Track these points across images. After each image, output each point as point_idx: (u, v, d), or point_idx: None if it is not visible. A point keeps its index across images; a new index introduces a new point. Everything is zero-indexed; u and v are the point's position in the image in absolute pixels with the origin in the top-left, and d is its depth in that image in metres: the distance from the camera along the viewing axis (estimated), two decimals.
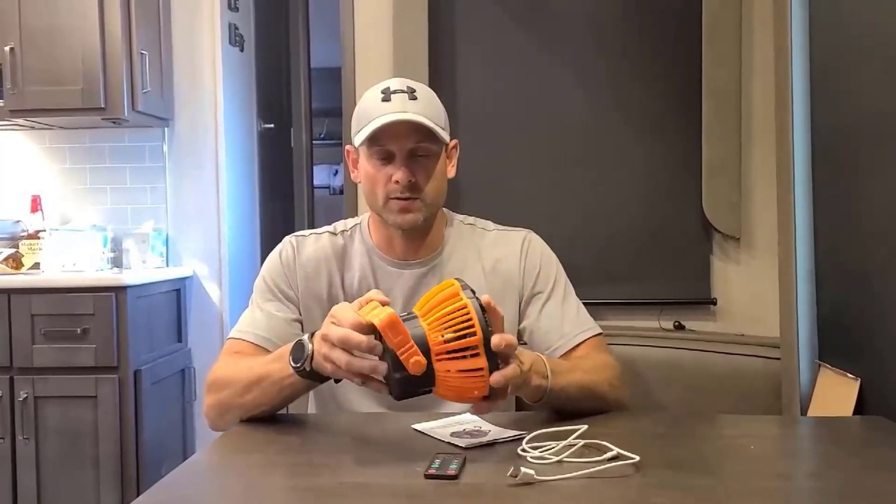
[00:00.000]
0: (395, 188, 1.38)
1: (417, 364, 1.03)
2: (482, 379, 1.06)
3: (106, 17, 2.78)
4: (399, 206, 1.40)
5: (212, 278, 3.16)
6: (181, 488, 1.03)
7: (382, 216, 1.43)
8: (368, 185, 1.43)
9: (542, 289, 1.49)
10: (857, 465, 1.09)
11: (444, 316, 1.06)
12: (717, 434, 1.33)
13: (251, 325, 1.43)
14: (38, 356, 2.58)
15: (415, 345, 1.03)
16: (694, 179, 2.29)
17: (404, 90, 1.38)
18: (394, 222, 1.41)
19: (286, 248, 1.50)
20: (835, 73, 1.63)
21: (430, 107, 1.40)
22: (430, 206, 1.43)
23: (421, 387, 1.07)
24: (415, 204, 1.40)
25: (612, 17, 2.36)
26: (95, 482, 2.59)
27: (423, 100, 1.39)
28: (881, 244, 1.43)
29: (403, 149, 1.38)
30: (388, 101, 1.37)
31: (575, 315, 1.48)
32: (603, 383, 1.34)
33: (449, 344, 1.05)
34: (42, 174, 3.17)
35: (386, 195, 1.40)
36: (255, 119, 3.70)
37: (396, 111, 1.35)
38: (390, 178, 1.38)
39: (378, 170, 1.40)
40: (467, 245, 1.52)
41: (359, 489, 0.99)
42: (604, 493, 0.95)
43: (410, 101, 1.37)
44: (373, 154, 1.39)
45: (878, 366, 1.42)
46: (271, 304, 1.46)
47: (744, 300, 2.32)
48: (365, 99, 1.42)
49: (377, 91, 1.40)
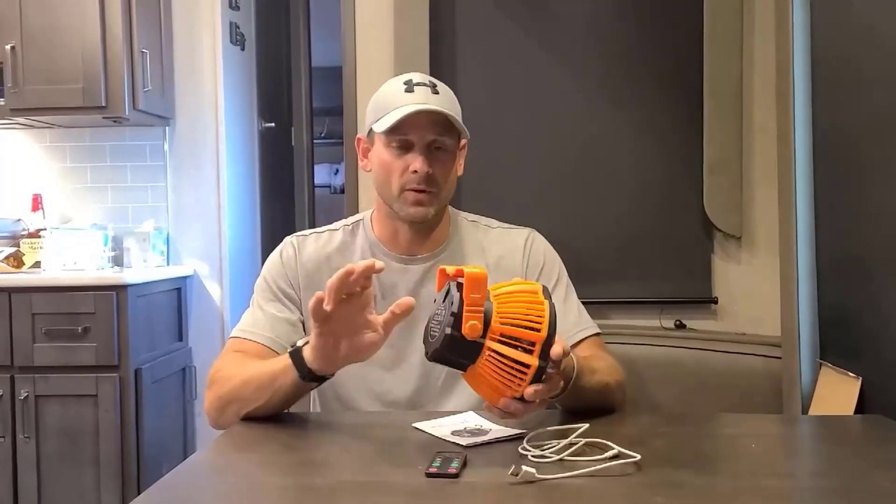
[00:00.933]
0: (412, 178, 1.39)
1: (474, 328, 1.00)
2: (523, 378, 1.03)
3: (107, 16, 2.78)
4: (414, 198, 1.40)
5: (212, 277, 3.16)
6: (181, 487, 1.03)
7: (394, 207, 1.43)
8: (383, 174, 1.42)
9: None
10: (858, 464, 1.09)
11: (519, 304, 1.04)
12: (718, 433, 1.33)
13: (254, 325, 1.43)
14: (38, 355, 2.58)
15: (483, 311, 1.01)
16: (695, 178, 2.29)
17: (426, 84, 1.40)
18: (406, 214, 1.42)
19: (287, 248, 1.50)
20: (836, 71, 1.63)
21: (449, 101, 1.42)
22: (442, 200, 1.44)
23: (461, 356, 1.03)
24: (429, 197, 1.40)
25: (614, 16, 2.36)
26: (96, 481, 2.59)
27: (444, 95, 1.41)
28: (882, 243, 1.43)
29: (423, 140, 1.39)
30: (412, 92, 1.38)
31: (577, 314, 1.49)
32: (611, 384, 1.34)
33: (511, 329, 1.02)
34: (43, 173, 3.17)
35: (401, 185, 1.40)
36: (256, 118, 3.70)
37: (420, 102, 1.37)
38: (407, 167, 1.39)
39: (395, 159, 1.40)
40: (471, 241, 1.52)
41: (359, 488, 0.99)
42: (605, 492, 0.95)
43: (433, 94, 1.39)
44: (392, 143, 1.40)
45: (879, 365, 1.42)
46: (273, 304, 1.46)
47: (745, 299, 2.32)
48: (386, 89, 1.43)
49: (399, 82, 1.41)
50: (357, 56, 2.46)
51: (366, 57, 2.45)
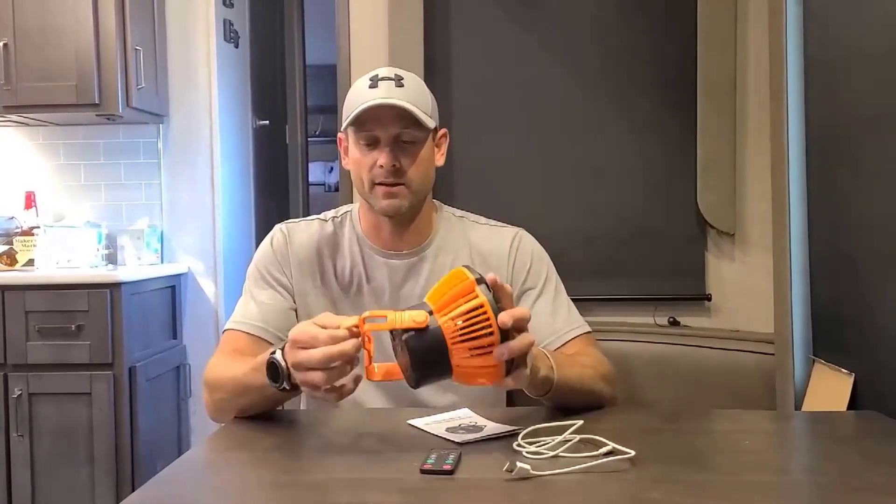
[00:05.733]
0: (380, 173, 1.40)
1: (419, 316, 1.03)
2: (487, 319, 1.04)
3: (100, 14, 2.78)
4: (384, 192, 1.41)
5: (207, 275, 3.16)
6: (175, 484, 1.03)
7: (369, 202, 1.45)
8: (355, 171, 1.44)
9: (532, 285, 1.49)
10: (850, 460, 1.09)
11: (441, 285, 1.07)
12: (712, 429, 1.33)
13: (246, 316, 1.43)
14: (32, 353, 2.57)
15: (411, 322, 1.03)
16: (688, 176, 2.29)
17: (391, 77, 1.41)
18: (379, 208, 1.42)
19: (277, 235, 1.51)
20: (829, 69, 1.63)
21: (415, 93, 1.42)
22: (416, 192, 1.43)
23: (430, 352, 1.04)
24: (399, 189, 1.41)
25: (608, 12, 2.36)
26: (90, 479, 2.59)
27: (409, 87, 1.41)
28: (875, 240, 1.43)
29: (388, 134, 1.39)
30: (375, 88, 1.39)
31: (566, 312, 1.49)
32: (599, 379, 1.35)
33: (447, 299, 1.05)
34: (36, 171, 3.16)
35: (371, 180, 1.41)
36: (250, 116, 3.70)
37: (382, 97, 1.37)
38: (375, 163, 1.40)
39: (364, 154, 1.42)
40: (458, 237, 1.52)
41: (353, 484, 0.99)
42: (599, 488, 0.95)
43: (397, 87, 1.39)
44: (359, 139, 1.42)
45: (871, 361, 1.43)
46: (265, 292, 1.46)
47: (738, 296, 2.32)
48: (354, 86, 1.45)
49: (365, 79, 1.42)
50: (351, 54, 2.45)
51: (360, 55, 2.45)
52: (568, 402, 1.27)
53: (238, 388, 1.27)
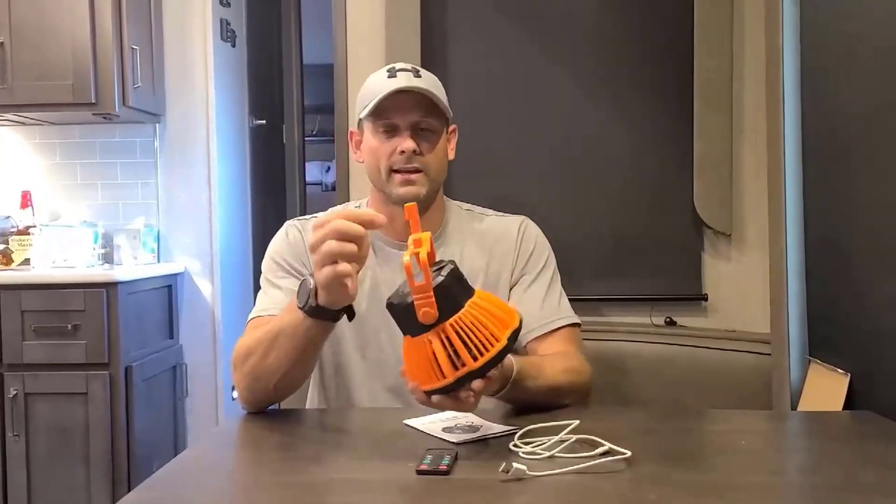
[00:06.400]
0: (400, 159, 1.41)
1: (427, 315, 1.04)
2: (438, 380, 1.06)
3: (97, 12, 2.77)
4: (401, 179, 1.42)
5: (203, 275, 3.16)
6: (171, 484, 1.03)
7: (385, 190, 1.45)
8: (372, 160, 1.45)
9: (529, 271, 1.53)
10: (846, 460, 1.10)
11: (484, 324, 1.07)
12: (709, 429, 1.34)
13: (271, 303, 1.42)
14: (28, 352, 2.57)
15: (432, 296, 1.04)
16: (685, 176, 2.29)
17: (409, 69, 1.44)
18: (397, 195, 1.43)
19: (291, 229, 1.52)
20: (826, 70, 1.63)
21: (433, 84, 1.45)
22: (433, 181, 1.45)
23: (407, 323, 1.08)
24: (418, 177, 1.43)
25: (605, 13, 2.36)
26: (86, 479, 2.58)
27: (426, 78, 1.45)
28: (871, 240, 1.43)
29: (408, 121, 1.42)
30: (394, 78, 1.42)
31: (556, 302, 1.51)
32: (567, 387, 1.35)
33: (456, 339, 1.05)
34: (32, 170, 3.16)
35: (389, 167, 1.43)
36: (247, 115, 3.70)
37: (401, 85, 1.40)
38: (395, 149, 1.41)
39: (382, 143, 1.43)
40: (466, 228, 1.55)
41: (349, 484, 0.99)
42: (596, 488, 0.95)
43: (416, 78, 1.43)
44: (378, 128, 1.43)
45: (867, 361, 1.43)
46: (285, 280, 1.45)
47: (735, 296, 2.33)
48: (371, 79, 1.47)
49: (383, 71, 1.45)
50: (348, 53, 2.45)
51: (357, 54, 2.45)
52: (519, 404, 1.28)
53: (268, 340, 1.25)
